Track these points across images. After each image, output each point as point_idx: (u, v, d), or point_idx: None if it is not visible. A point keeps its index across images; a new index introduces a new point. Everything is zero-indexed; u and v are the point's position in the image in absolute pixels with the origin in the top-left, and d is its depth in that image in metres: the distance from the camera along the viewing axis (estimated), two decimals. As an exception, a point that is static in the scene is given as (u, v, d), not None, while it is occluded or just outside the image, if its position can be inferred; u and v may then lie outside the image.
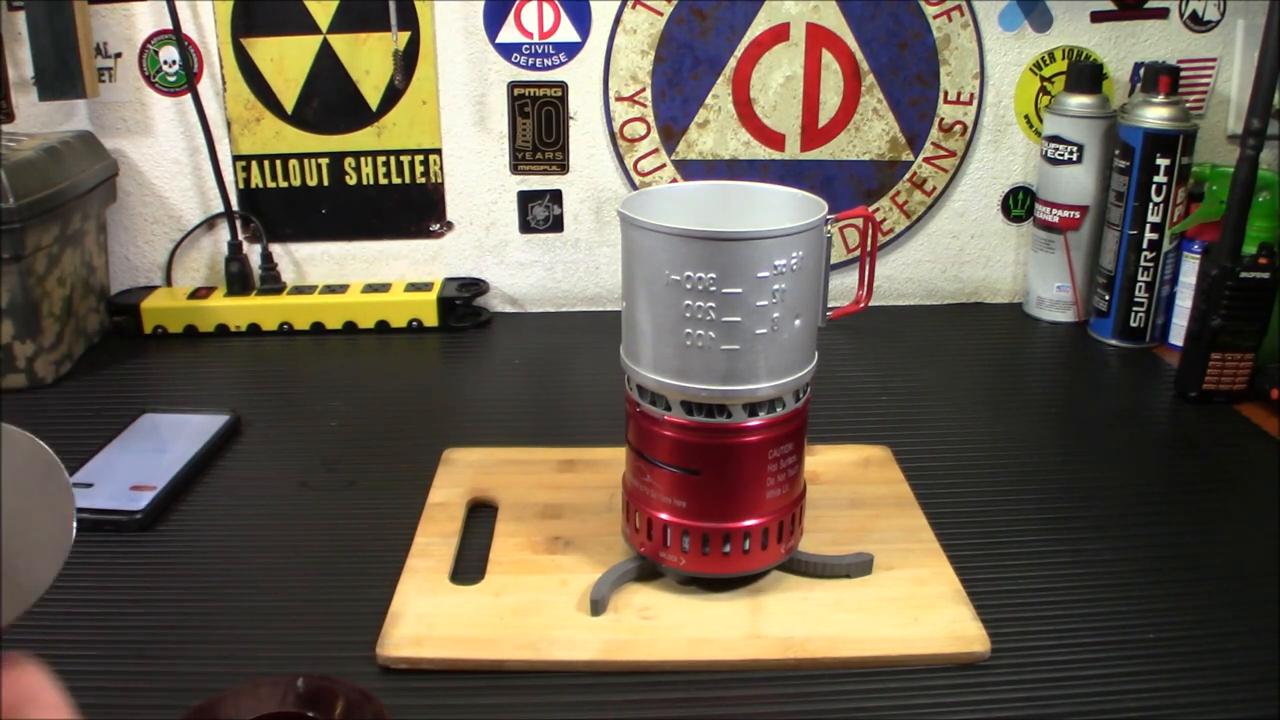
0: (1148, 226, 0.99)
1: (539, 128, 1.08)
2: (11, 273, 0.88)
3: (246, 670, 0.56)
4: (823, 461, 0.78)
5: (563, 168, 1.09)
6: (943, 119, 1.09)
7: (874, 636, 0.59)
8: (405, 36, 1.04)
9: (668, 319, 0.57)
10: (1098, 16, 1.07)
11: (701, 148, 1.09)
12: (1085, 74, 1.03)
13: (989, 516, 0.73)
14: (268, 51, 1.04)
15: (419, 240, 1.11)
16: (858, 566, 0.65)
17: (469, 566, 0.66)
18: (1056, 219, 1.06)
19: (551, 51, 1.06)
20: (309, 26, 1.03)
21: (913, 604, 0.62)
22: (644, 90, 1.07)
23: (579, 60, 1.06)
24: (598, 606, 0.61)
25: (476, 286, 1.09)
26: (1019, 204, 1.13)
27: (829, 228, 0.60)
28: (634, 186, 1.10)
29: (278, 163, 1.08)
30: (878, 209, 1.12)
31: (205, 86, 1.04)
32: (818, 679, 0.57)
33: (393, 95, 1.06)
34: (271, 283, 1.08)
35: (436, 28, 1.04)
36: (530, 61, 1.06)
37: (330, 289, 1.08)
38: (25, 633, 0.61)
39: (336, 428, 0.86)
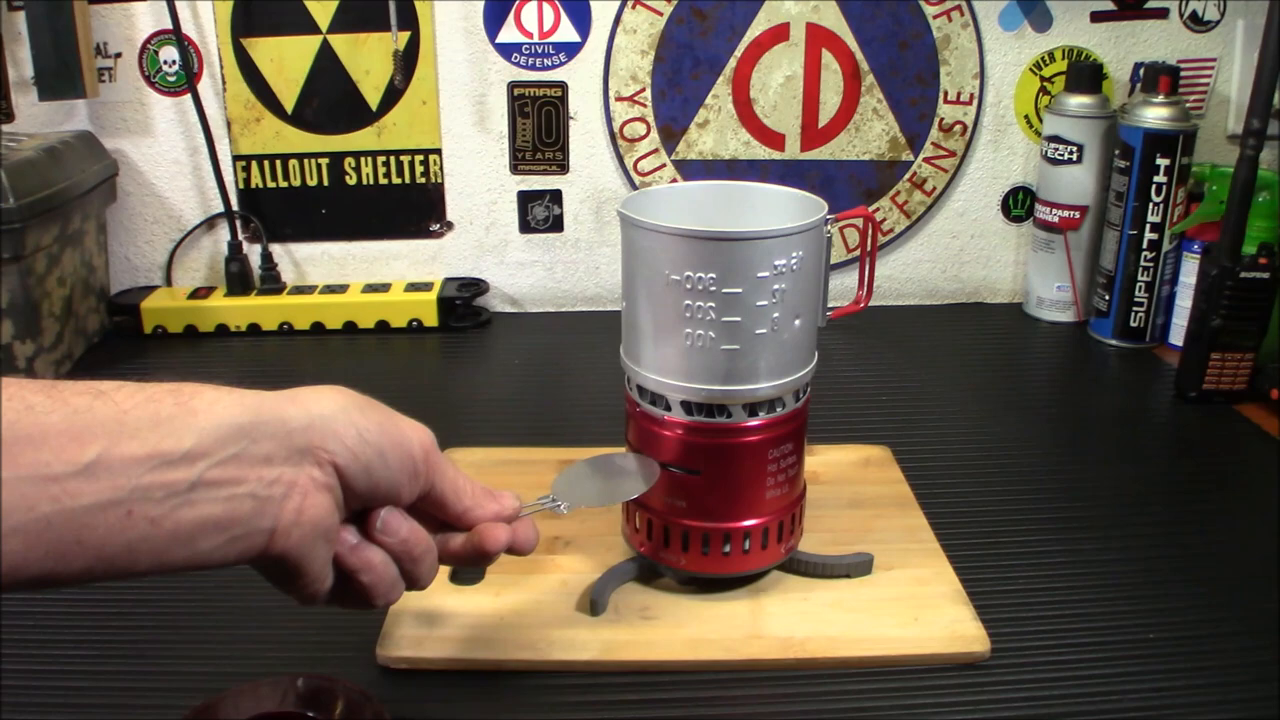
0: (1148, 226, 0.99)
1: (539, 128, 1.08)
2: (11, 273, 0.88)
3: (246, 670, 0.56)
4: (823, 461, 0.78)
5: (563, 168, 1.09)
6: (943, 119, 1.09)
7: (874, 636, 0.59)
8: (405, 36, 1.04)
9: (668, 319, 0.57)
10: (1098, 16, 1.07)
11: (701, 148, 1.09)
12: (1085, 74, 1.03)
13: (989, 516, 0.73)
14: (268, 51, 1.04)
15: (419, 240, 1.11)
16: (858, 566, 0.65)
17: (469, 566, 0.66)
18: (1056, 219, 1.06)
19: (551, 51, 1.06)
20: (309, 26, 1.03)
21: (913, 604, 0.62)
22: (644, 90, 1.07)
23: (579, 60, 1.06)
24: (597, 606, 0.61)
25: (476, 286, 1.09)
26: (1019, 204, 1.13)
27: (829, 228, 0.60)
28: (634, 186, 1.10)
29: (278, 163, 1.08)
30: (878, 209, 1.12)
31: (205, 86, 1.04)
32: (818, 679, 0.57)
33: (393, 95, 1.06)
34: (271, 283, 1.08)
35: (436, 28, 1.04)
36: (530, 61, 1.06)
37: (330, 289, 1.08)
38: (26, 632, 0.61)
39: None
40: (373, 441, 0.44)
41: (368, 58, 1.05)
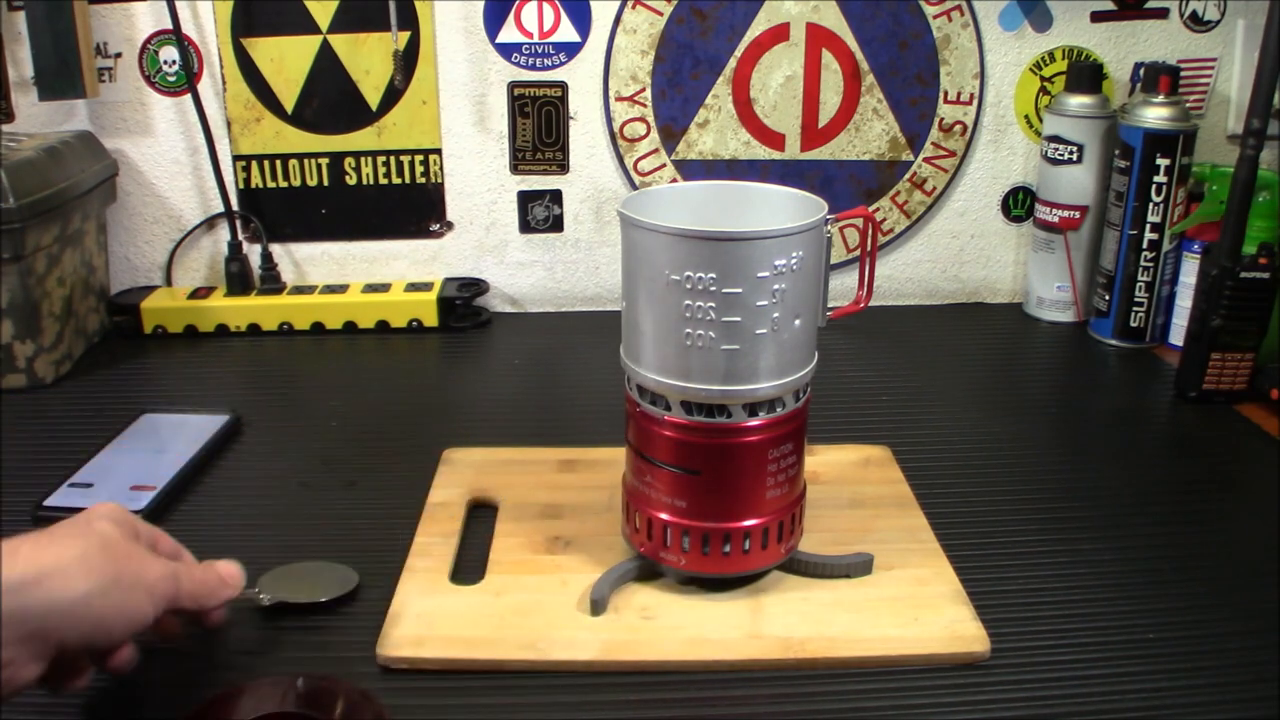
0: (1148, 226, 0.99)
1: (539, 128, 1.08)
2: (11, 273, 0.88)
3: (246, 670, 0.56)
4: (823, 461, 0.78)
5: (563, 168, 1.09)
6: (943, 119, 1.09)
7: (874, 636, 0.59)
8: (405, 36, 1.04)
9: (668, 319, 0.57)
10: (1098, 16, 1.07)
11: (701, 148, 1.09)
12: (1085, 74, 1.03)
13: (989, 516, 0.73)
14: (268, 51, 1.04)
15: (419, 240, 1.11)
16: (858, 566, 0.65)
17: (469, 566, 0.66)
18: (1056, 219, 1.06)
19: (551, 51, 1.06)
20: (309, 26, 1.03)
21: (913, 604, 0.62)
22: (644, 90, 1.07)
23: (579, 60, 1.06)
24: (598, 606, 0.61)
25: (476, 286, 1.09)
26: (1019, 204, 1.13)
27: (829, 228, 0.60)
28: (634, 186, 1.10)
29: (278, 163, 1.08)
30: (878, 209, 1.12)
31: (205, 86, 1.04)
32: (818, 679, 0.57)
33: (393, 95, 1.06)
34: (271, 283, 1.08)
35: (436, 28, 1.04)
36: (530, 61, 1.06)
37: (330, 289, 1.08)
38: (25, 633, 0.61)
39: (336, 428, 0.86)
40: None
41: (368, 58, 1.05)
